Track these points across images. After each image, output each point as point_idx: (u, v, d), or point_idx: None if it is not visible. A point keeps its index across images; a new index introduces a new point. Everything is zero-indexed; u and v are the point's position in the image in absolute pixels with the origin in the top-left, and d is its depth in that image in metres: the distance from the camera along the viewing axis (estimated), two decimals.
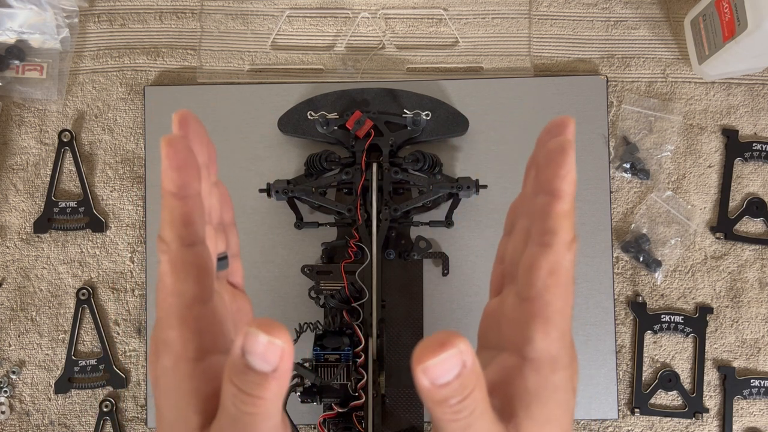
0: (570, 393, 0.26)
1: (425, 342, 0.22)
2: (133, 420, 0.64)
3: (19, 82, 0.67)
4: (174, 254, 0.25)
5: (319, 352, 0.54)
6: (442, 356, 0.22)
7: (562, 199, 0.25)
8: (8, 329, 0.66)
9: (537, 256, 0.25)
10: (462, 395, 0.23)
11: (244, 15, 0.69)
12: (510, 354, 0.27)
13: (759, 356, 0.65)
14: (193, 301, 0.26)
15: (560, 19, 0.69)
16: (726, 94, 0.67)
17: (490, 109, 0.66)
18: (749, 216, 0.66)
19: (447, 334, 0.22)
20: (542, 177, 0.26)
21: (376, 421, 0.55)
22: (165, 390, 0.26)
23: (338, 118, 0.63)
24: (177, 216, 0.25)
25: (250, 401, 0.23)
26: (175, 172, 0.24)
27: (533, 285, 0.25)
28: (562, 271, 0.25)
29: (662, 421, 0.64)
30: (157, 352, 0.26)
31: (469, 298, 0.64)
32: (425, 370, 0.22)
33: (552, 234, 0.25)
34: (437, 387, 0.22)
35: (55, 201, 0.66)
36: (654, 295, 0.65)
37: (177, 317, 0.26)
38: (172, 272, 0.25)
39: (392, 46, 0.69)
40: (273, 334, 0.22)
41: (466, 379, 0.22)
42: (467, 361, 0.22)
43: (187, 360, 0.26)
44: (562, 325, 0.26)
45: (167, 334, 0.26)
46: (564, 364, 0.26)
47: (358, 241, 0.60)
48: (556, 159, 0.25)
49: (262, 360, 0.23)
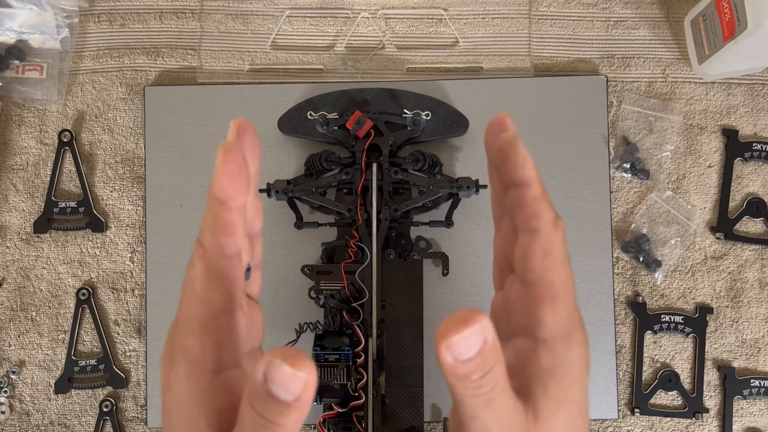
0: (585, 370, 0.27)
1: (449, 319, 0.22)
2: (133, 420, 0.64)
3: (19, 82, 0.67)
4: (210, 261, 0.25)
5: (319, 352, 0.54)
6: (465, 332, 0.22)
7: (531, 186, 0.26)
8: (8, 329, 0.66)
9: (528, 242, 0.26)
10: (484, 371, 0.23)
11: (244, 15, 0.69)
12: (523, 338, 0.27)
13: (759, 356, 0.65)
14: (219, 312, 0.25)
15: (560, 19, 0.69)
16: (726, 94, 0.68)
17: (490, 109, 0.66)
18: (749, 216, 0.66)
19: (470, 311, 0.22)
20: (504, 174, 0.27)
21: (376, 421, 0.55)
22: (178, 398, 0.26)
23: (338, 118, 0.63)
24: (220, 224, 0.25)
25: (269, 427, 0.23)
26: (228, 180, 0.24)
27: (533, 270, 0.26)
28: (555, 250, 0.26)
29: (662, 421, 0.64)
30: (173, 357, 0.26)
31: (469, 298, 0.64)
32: (449, 346, 0.22)
33: (536, 218, 0.26)
34: (460, 363, 0.23)
35: (55, 201, 0.66)
36: (654, 295, 0.65)
37: (201, 325, 0.25)
38: (205, 279, 0.25)
39: (392, 46, 0.69)
40: (297, 366, 0.22)
41: (488, 354, 0.23)
42: (488, 337, 0.23)
43: (204, 371, 0.25)
44: (569, 301, 0.26)
45: (187, 341, 0.25)
46: (577, 340, 0.26)
47: (358, 241, 0.60)
48: (510, 153, 0.26)
49: (285, 390, 0.22)
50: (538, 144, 0.66)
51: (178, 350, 0.26)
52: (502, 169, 0.27)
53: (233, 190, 0.25)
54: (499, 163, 0.27)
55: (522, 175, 0.26)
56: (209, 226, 0.25)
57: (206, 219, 0.25)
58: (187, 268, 0.26)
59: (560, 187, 0.65)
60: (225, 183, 0.24)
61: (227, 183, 0.24)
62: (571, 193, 0.65)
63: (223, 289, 0.25)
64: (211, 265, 0.25)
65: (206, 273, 0.25)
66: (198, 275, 0.25)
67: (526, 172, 0.26)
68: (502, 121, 0.28)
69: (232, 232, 0.25)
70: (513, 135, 0.26)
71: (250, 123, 0.27)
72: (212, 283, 0.25)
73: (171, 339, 0.26)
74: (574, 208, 0.65)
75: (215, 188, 0.24)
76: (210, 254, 0.25)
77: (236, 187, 0.25)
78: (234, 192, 0.25)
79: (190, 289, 0.26)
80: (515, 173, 0.26)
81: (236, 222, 0.25)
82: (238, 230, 0.25)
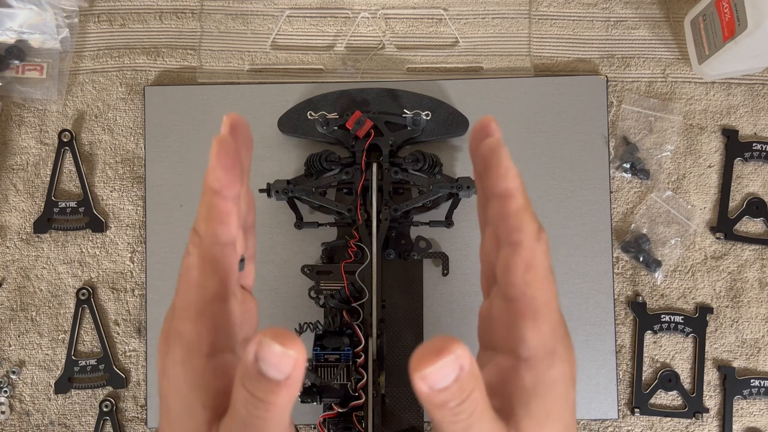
0: (569, 385, 0.26)
1: (422, 349, 0.22)
2: (133, 420, 0.64)
3: (19, 82, 0.67)
4: (206, 249, 0.26)
5: (319, 352, 0.54)
6: (439, 364, 0.22)
7: (513, 197, 0.25)
8: (8, 329, 0.66)
9: (510, 255, 0.26)
10: (461, 398, 0.23)
11: (244, 15, 0.69)
12: (504, 355, 0.27)
13: (759, 356, 0.65)
14: (213, 297, 0.26)
15: (560, 19, 0.69)
16: (726, 94, 0.68)
17: (490, 109, 0.66)
18: (749, 216, 0.66)
19: (444, 340, 0.22)
20: (486, 183, 0.26)
21: (376, 421, 0.55)
22: (174, 381, 0.26)
23: (338, 118, 0.63)
24: (215, 213, 0.26)
25: (261, 406, 0.24)
26: (222, 171, 0.25)
27: (514, 284, 0.26)
28: (537, 264, 0.25)
29: (662, 421, 0.64)
30: (169, 342, 0.26)
31: (469, 298, 0.64)
32: (423, 377, 0.22)
33: (517, 231, 0.25)
34: (436, 392, 0.22)
35: (55, 201, 0.66)
36: (654, 295, 0.65)
37: (196, 310, 0.26)
38: (201, 266, 0.26)
39: (392, 46, 0.69)
40: (287, 345, 0.23)
41: (464, 382, 0.23)
42: (464, 364, 0.22)
43: (200, 354, 0.26)
44: (552, 316, 0.26)
45: (183, 325, 0.26)
46: (561, 356, 0.26)
47: (358, 241, 0.60)
48: (492, 161, 0.25)
49: (275, 369, 0.23)
50: (538, 144, 0.66)
51: (174, 335, 0.26)
52: (484, 178, 0.26)
53: (227, 181, 0.25)
54: (483, 171, 0.26)
55: (504, 185, 0.25)
56: (204, 215, 0.26)
57: (201, 209, 0.26)
58: (183, 257, 0.27)
59: (560, 187, 0.65)
60: (219, 174, 0.25)
61: (221, 173, 0.25)
62: (571, 193, 0.65)
63: (218, 276, 0.26)
64: (207, 253, 0.26)
65: (202, 260, 0.26)
66: (194, 262, 0.26)
67: (508, 182, 0.25)
68: (486, 125, 0.27)
69: (226, 220, 0.26)
70: (497, 142, 0.26)
71: (243, 118, 0.28)
72: (208, 270, 0.26)
73: (167, 325, 0.27)
74: (574, 208, 0.65)
75: (210, 178, 0.25)
76: (205, 242, 0.26)
77: (230, 177, 0.25)
78: (228, 182, 0.25)
79: (186, 276, 0.26)
80: (497, 183, 0.25)
81: (230, 211, 0.26)
82: (232, 219, 0.26)
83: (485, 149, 0.26)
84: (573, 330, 0.65)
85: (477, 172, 0.27)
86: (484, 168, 0.26)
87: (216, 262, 0.26)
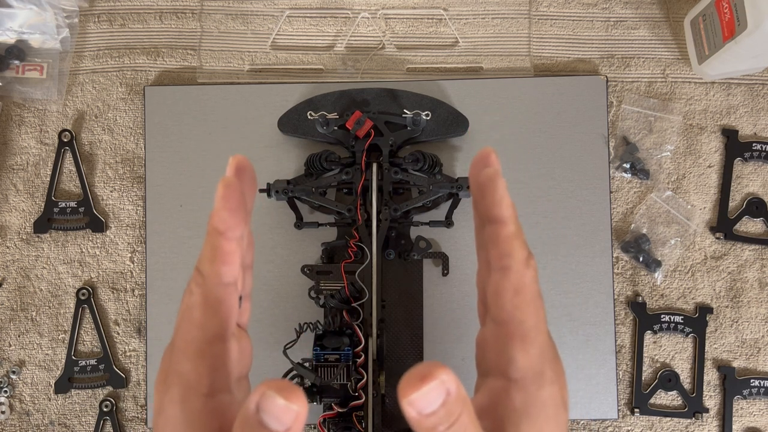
0: (560, 407, 0.27)
1: (408, 375, 0.23)
2: (133, 420, 0.64)
3: (19, 82, 0.67)
4: (209, 289, 0.26)
5: (319, 352, 0.54)
6: (424, 389, 0.23)
7: (505, 224, 0.27)
8: (8, 329, 0.66)
9: (499, 280, 0.27)
10: (449, 422, 0.23)
11: (244, 15, 0.70)
12: (495, 377, 0.27)
13: (759, 356, 0.65)
14: (214, 338, 0.27)
15: (560, 19, 0.69)
16: (726, 94, 0.68)
17: (490, 109, 0.66)
18: (749, 216, 0.66)
19: (429, 366, 0.23)
20: (481, 209, 0.27)
21: (376, 421, 0.55)
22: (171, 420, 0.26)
23: (338, 118, 0.63)
24: (219, 254, 0.26)
25: None
26: (227, 213, 0.26)
27: (503, 308, 0.27)
28: (525, 288, 0.26)
29: (662, 421, 0.64)
30: (168, 381, 0.27)
31: (469, 298, 0.64)
32: (411, 402, 0.23)
33: (507, 257, 0.26)
34: (424, 416, 0.23)
35: (55, 201, 0.66)
36: (654, 295, 0.65)
37: (196, 350, 0.26)
38: (203, 306, 0.26)
39: (392, 46, 0.69)
40: (290, 399, 0.23)
41: (452, 406, 0.23)
42: (451, 389, 0.23)
43: (198, 395, 0.26)
44: (540, 339, 0.27)
45: (183, 365, 0.26)
46: (550, 378, 0.27)
47: (358, 241, 0.60)
48: (488, 189, 0.27)
49: (277, 421, 0.23)
50: (538, 144, 0.66)
51: (174, 374, 0.27)
52: (480, 204, 0.27)
53: (232, 222, 0.26)
54: (479, 197, 0.27)
55: (498, 212, 0.26)
56: (209, 255, 0.26)
57: (205, 249, 0.26)
58: (184, 296, 0.27)
59: (560, 187, 0.65)
60: (224, 215, 0.26)
61: (227, 215, 0.26)
62: (571, 193, 0.65)
63: (220, 316, 0.27)
64: (210, 293, 0.26)
65: (204, 300, 0.26)
66: (196, 302, 0.26)
67: (501, 210, 0.26)
68: (486, 156, 0.28)
69: (230, 261, 0.26)
70: (494, 172, 0.27)
71: (248, 160, 0.28)
72: (210, 310, 0.26)
73: (166, 364, 0.27)
74: (574, 208, 0.65)
75: (215, 220, 0.26)
76: (208, 282, 0.26)
77: (235, 219, 0.26)
78: (233, 224, 0.26)
79: (187, 315, 0.27)
80: (491, 210, 0.27)
81: (234, 252, 0.26)
82: (235, 259, 0.27)
83: (483, 177, 0.27)
84: (573, 330, 0.65)
85: (474, 199, 0.29)
86: (481, 195, 0.27)
87: (218, 302, 0.26)
